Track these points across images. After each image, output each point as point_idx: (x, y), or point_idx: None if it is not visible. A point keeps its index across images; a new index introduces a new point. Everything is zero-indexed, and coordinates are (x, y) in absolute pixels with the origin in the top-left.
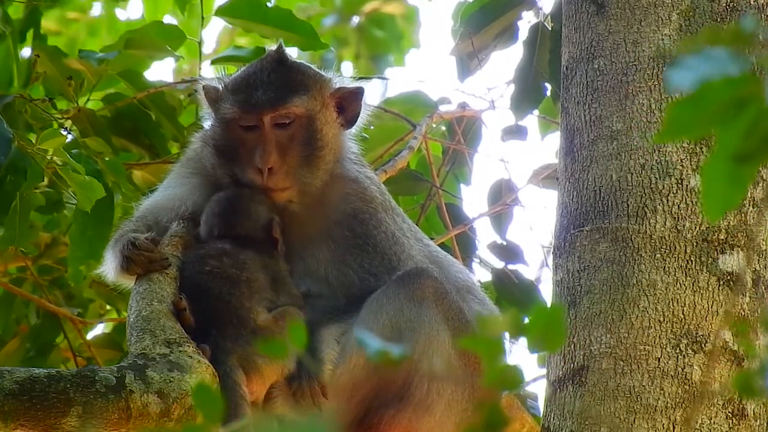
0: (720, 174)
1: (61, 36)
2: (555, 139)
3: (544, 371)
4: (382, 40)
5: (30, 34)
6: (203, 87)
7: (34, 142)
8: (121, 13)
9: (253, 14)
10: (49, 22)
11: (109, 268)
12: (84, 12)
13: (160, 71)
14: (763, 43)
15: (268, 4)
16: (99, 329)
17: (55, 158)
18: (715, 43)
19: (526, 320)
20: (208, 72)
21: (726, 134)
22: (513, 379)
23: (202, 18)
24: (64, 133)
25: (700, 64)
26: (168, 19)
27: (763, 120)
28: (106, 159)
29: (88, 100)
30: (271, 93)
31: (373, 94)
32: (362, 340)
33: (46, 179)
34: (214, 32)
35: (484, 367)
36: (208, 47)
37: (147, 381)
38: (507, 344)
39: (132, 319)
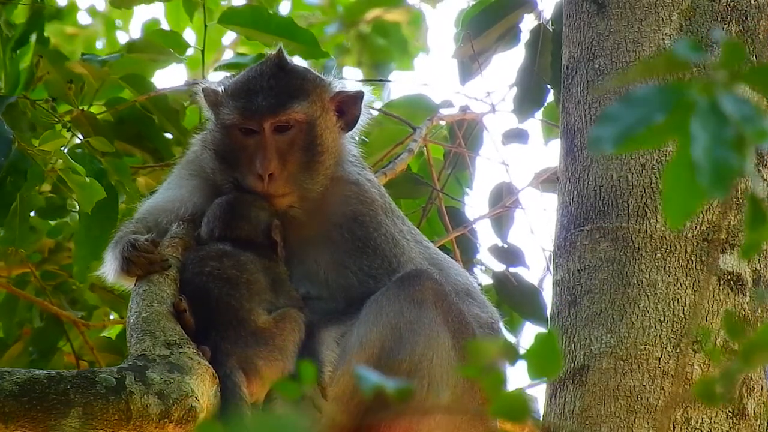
0: (680, 181)
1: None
2: (557, 143)
3: None
4: (384, 48)
5: (34, 37)
6: (203, 90)
7: (36, 144)
8: (122, 36)
9: (255, 22)
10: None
11: (108, 269)
12: (82, 27)
13: (168, 79)
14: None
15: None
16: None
17: (57, 161)
18: (647, 76)
19: (521, 349)
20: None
21: (686, 142)
22: (521, 408)
23: (205, 26)
24: (68, 133)
25: (626, 114)
26: (188, 31)
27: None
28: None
29: (90, 104)
30: (272, 99)
31: (374, 98)
32: (360, 376)
33: (49, 184)
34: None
35: (488, 398)
36: (227, 56)
37: (147, 382)
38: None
39: (132, 321)
